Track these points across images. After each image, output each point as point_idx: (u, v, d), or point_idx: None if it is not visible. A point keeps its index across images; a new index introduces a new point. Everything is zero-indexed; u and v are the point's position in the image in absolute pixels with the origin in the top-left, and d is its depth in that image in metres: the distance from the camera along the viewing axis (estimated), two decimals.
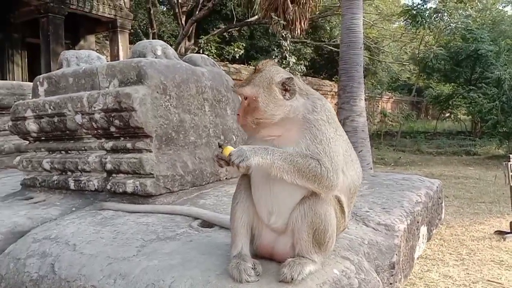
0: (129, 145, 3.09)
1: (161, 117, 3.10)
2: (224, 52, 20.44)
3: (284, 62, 16.75)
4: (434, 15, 20.65)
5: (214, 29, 21.46)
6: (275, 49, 17.44)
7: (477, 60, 19.00)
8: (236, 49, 19.20)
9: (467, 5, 20.95)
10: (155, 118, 3.05)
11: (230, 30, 21.79)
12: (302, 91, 1.98)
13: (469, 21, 20.17)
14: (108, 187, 3.14)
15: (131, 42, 16.53)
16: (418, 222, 2.94)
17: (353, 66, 11.23)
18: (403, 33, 23.46)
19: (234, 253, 2.00)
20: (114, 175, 3.18)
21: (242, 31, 22.58)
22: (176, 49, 17.97)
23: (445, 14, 21.60)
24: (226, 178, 3.61)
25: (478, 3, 22.57)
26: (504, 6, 28.39)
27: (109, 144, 3.21)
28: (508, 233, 6.13)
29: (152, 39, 19.64)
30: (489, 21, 20.90)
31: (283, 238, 1.99)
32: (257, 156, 1.79)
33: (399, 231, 2.52)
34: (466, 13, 21.82)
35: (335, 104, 23.23)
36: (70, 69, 3.56)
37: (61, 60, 3.76)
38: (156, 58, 3.32)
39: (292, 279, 1.80)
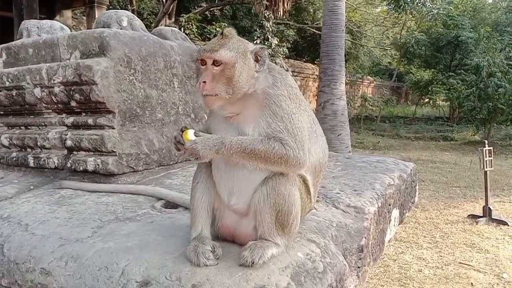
0: (90, 121, 2.91)
1: (125, 92, 2.92)
2: (206, 31, 20.03)
3: (266, 44, 16.52)
4: (417, 1, 20.59)
5: (196, 7, 20.97)
6: (257, 29, 17.19)
7: (457, 47, 19.16)
8: (217, 29, 18.80)
9: None
10: (118, 92, 2.88)
11: (212, 9, 21.34)
12: (264, 63, 1.82)
13: (451, 7, 20.20)
14: (69, 165, 2.97)
15: None
16: (389, 205, 2.88)
17: (335, 49, 11.13)
18: (386, 18, 23.36)
19: (194, 235, 1.89)
20: (75, 152, 3.01)
21: (224, 11, 22.13)
22: (155, 27, 17.52)
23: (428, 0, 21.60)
24: None
25: None
26: None
27: (70, 120, 3.03)
28: (481, 217, 6.24)
29: None
30: (470, 8, 21.03)
31: (245, 220, 1.88)
32: (211, 151, 1.69)
33: (369, 213, 2.44)
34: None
35: (316, 87, 23.24)
36: (30, 40, 3.33)
37: (21, 30, 3.52)
38: (121, 29, 3.12)
39: (253, 263, 1.69)
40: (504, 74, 14.59)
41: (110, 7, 18.16)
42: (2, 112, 3.48)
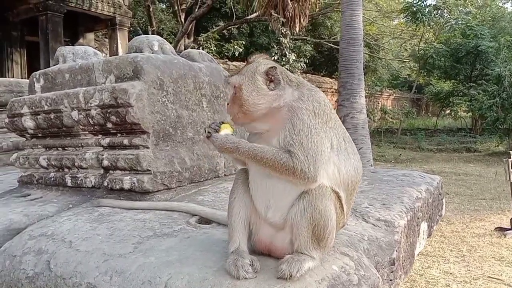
0: (125, 141, 3.05)
1: (158, 113, 3.06)
2: (224, 49, 20.38)
3: (283, 60, 16.73)
4: (434, 12, 20.57)
5: (214, 26, 21.42)
6: (275, 46, 17.43)
7: (477, 57, 18.98)
8: (235, 47, 19.12)
9: (467, 1, 20.87)
10: (152, 114, 3.01)
11: (229, 27, 21.74)
12: (292, 82, 1.94)
13: (469, 17, 20.12)
14: (105, 183, 3.10)
15: (130, 40, 16.52)
16: (418, 218, 2.91)
17: (353, 63, 11.21)
18: (403, 30, 23.37)
19: (232, 249, 1.96)
20: (111, 171, 3.14)
21: (241, 29, 22.51)
22: (175, 47, 17.91)
23: (445, 10, 21.50)
24: (224, 175, 3.57)
25: (478, 0, 22.47)
26: (504, 3, 28.31)
27: (106, 141, 3.17)
28: (509, 229, 6.15)
29: None
30: (489, 18, 20.84)
31: (281, 234, 1.95)
32: (226, 150, 1.90)
33: (399, 227, 2.49)
34: (466, 9, 21.74)
35: (335, 101, 23.24)
36: (66, 65, 3.52)
37: (57, 56, 3.72)
38: (152, 53, 3.28)
39: (291, 276, 1.76)
40: None
41: (131, 28, 18.69)
42: (40, 135, 3.65)
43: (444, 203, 4.00)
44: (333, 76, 23.65)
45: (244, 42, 20.21)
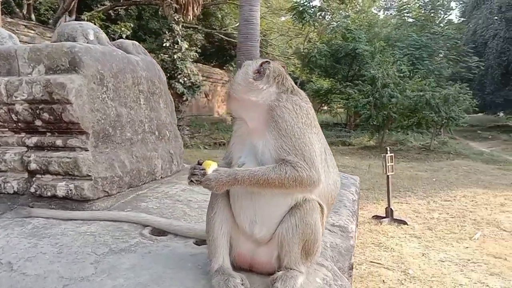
0: (59, 142, 2.68)
1: (98, 111, 2.75)
2: (110, 31, 18.99)
3: (176, 47, 16.29)
4: (319, 13, 21.92)
5: (99, 5, 19.80)
6: (167, 32, 16.82)
7: (354, 59, 20.77)
8: (122, 29, 17.94)
9: (348, 6, 22.67)
10: (92, 112, 2.69)
11: (116, 8, 20.33)
12: (284, 86, 1.93)
13: (349, 21, 21.85)
14: (32, 189, 2.69)
15: (2, 13, 14.42)
16: (357, 220, 3.11)
17: (250, 58, 11.35)
18: (290, 28, 24.50)
19: (216, 266, 1.87)
20: (39, 176, 2.73)
21: (129, 10, 21.22)
22: (54, 25, 16.20)
23: (328, 13, 23.09)
24: (161, 177, 3.38)
25: (357, 5, 24.56)
26: (379, 10, 31.63)
27: (32, 140, 2.74)
28: (384, 217, 6.79)
29: (27, 10, 17.39)
30: (366, 23, 22.92)
31: (265, 248, 1.91)
32: (225, 186, 1.79)
33: (352, 231, 2.63)
34: (346, 13, 23.61)
35: (225, 92, 23.41)
36: None
37: None
38: (88, 43, 2.92)
39: None
40: (396, 85, 16.26)
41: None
42: None
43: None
44: (224, 67, 23.80)
45: (132, 25, 19.09)
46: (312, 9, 21.34)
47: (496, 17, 26.98)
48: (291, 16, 22.27)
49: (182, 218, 2.71)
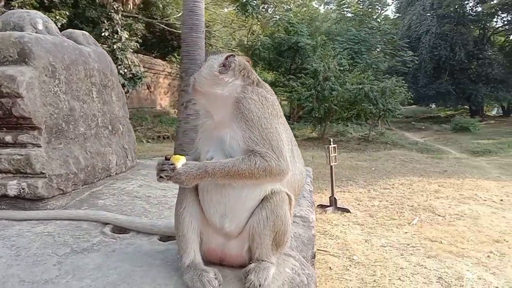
0: (8, 138, 2.51)
1: (51, 105, 2.61)
2: None
3: (115, 37, 15.72)
4: (262, 6, 22.02)
5: None
6: (105, 21, 16.15)
7: (297, 52, 21.14)
8: (57, 17, 16.96)
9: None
10: (45, 106, 2.55)
11: None
12: (249, 79, 1.95)
13: (291, 15, 22.16)
14: None
15: None
16: (314, 210, 3.22)
17: (196, 49, 11.21)
18: (233, 20, 24.42)
19: (187, 262, 1.87)
20: None
21: None
22: None
23: (271, 6, 23.26)
24: (116, 173, 3.28)
25: None
26: (320, 5, 32.35)
27: None
28: (328, 206, 7.00)
29: None
30: (307, 17, 23.36)
31: (236, 242, 1.92)
32: (196, 179, 1.78)
33: (313, 221, 2.72)
34: (288, 7, 23.91)
35: (168, 84, 22.94)
36: None
37: None
38: (37, 33, 2.75)
39: (260, 285, 1.77)
40: (337, 78, 16.79)
41: None
42: None
43: None
44: (166, 58, 23.25)
45: (67, 13, 18.10)
46: (255, 2, 21.37)
47: (428, 14, 28.59)
48: (234, 8, 22.18)
49: (143, 214, 2.66)
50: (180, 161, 1.79)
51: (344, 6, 25.83)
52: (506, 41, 30.32)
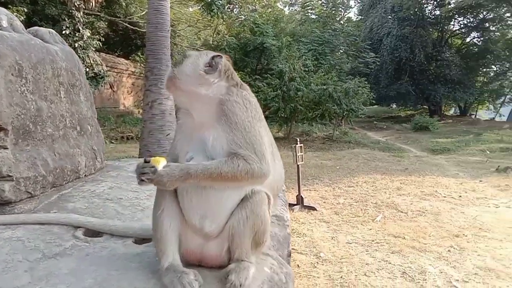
0: None
1: (18, 106, 2.52)
2: None
3: (77, 35, 15.31)
4: (227, 6, 21.96)
5: None
6: (66, 19, 15.68)
7: (262, 53, 21.23)
8: (15, 14, 16.29)
9: (255, 0, 23.01)
10: (11, 106, 2.46)
11: None
12: (233, 80, 1.95)
13: (256, 15, 22.23)
14: None
15: None
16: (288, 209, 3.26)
17: (161, 49, 11.08)
18: (199, 19, 24.21)
19: (166, 264, 1.85)
20: None
21: None
22: None
23: (237, 6, 23.24)
24: (85, 175, 3.20)
25: (264, 0, 25.05)
26: (284, 6, 32.62)
27: None
28: (295, 205, 7.15)
29: None
30: (272, 18, 23.47)
31: (215, 242, 1.92)
32: (178, 182, 1.76)
33: (288, 220, 2.77)
34: (253, 7, 23.96)
35: (131, 83, 22.47)
36: None
37: None
38: (1, 30, 2.64)
39: (241, 285, 1.78)
40: (302, 79, 17.02)
41: None
42: None
43: None
44: (129, 57, 22.77)
45: (26, 10, 17.43)
46: (220, 2, 21.31)
47: (389, 16, 29.41)
48: (199, 8, 22.01)
49: (116, 217, 2.61)
50: (160, 163, 1.75)
51: (308, 8, 26.18)
52: (463, 44, 31.68)
